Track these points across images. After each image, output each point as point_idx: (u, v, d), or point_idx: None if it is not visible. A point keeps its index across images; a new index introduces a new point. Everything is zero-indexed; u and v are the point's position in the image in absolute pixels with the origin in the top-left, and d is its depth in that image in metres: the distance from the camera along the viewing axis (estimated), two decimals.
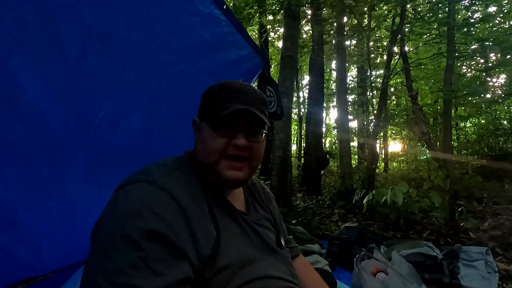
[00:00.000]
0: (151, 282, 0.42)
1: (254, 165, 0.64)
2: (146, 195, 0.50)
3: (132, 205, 0.48)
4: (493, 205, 3.79)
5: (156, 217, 0.47)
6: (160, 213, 0.48)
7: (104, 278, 0.42)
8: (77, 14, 0.84)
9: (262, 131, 0.64)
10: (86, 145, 1.07)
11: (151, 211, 0.47)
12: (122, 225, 0.46)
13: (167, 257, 0.46)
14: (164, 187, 0.52)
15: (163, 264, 0.45)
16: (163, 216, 0.48)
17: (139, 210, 0.47)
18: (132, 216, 0.46)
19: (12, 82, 0.78)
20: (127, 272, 0.42)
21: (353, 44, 8.44)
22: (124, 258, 0.43)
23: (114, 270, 0.42)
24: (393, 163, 11.04)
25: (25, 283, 1.09)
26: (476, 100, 4.94)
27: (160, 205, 0.49)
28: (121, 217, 0.47)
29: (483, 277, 1.78)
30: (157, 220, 0.47)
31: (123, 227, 0.45)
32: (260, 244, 0.65)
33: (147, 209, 0.47)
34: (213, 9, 1.25)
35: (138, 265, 0.43)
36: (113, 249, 0.44)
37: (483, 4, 4.12)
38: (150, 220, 0.46)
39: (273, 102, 1.92)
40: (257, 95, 0.65)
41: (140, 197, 0.50)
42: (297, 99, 10.88)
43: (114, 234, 0.45)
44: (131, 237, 0.44)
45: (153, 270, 0.43)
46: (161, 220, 0.47)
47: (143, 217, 0.46)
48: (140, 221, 0.46)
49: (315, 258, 1.98)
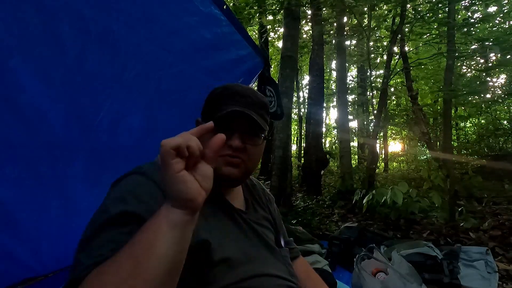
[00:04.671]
0: None
1: (250, 166, 0.64)
2: (134, 184, 0.54)
3: (120, 193, 0.51)
4: (493, 205, 3.79)
5: (138, 202, 0.50)
6: (144, 200, 0.50)
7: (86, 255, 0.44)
8: (77, 14, 0.84)
9: (260, 134, 0.64)
10: (86, 145, 1.07)
11: (136, 198, 0.50)
12: (108, 210, 0.49)
13: None
14: (153, 178, 0.54)
15: None
16: (147, 202, 0.50)
17: (124, 197, 0.50)
18: (117, 201, 0.50)
19: (12, 82, 0.78)
20: (105, 245, 0.44)
21: (353, 44, 8.44)
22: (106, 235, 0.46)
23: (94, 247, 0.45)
24: (393, 163, 11.04)
25: (25, 283, 1.08)
26: (476, 100, 4.93)
27: (146, 193, 0.52)
28: (108, 204, 0.50)
29: (483, 277, 1.78)
30: (138, 204, 0.49)
31: (107, 211, 0.48)
32: (258, 242, 0.65)
33: (132, 196, 0.50)
34: (213, 9, 1.25)
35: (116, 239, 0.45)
36: (96, 232, 0.47)
37: (483, 4, 4.12)
38: (132, 204, 0.49)
39: (273, 102, 1.92)
40: (257, 98, 0.65)
41: (128, 186, 0.53)
42: (297, 99, 10.88)
43: (100, 219, 0.48)
44: (113, 218, 0.47)
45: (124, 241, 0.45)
46: (142, 203, 0.50)
47: (126, 201, 0.49)
48: (123, 205, 0.49)
49: (315, 258, 1.98)
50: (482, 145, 7.18)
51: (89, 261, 0.43)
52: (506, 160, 5.69)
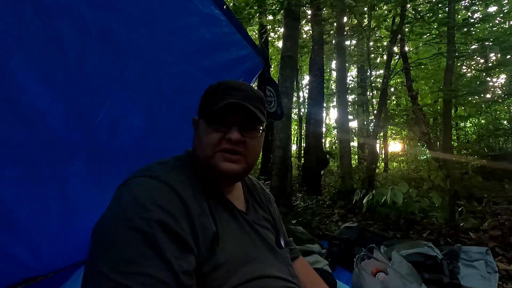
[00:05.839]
0: (161, 271, 0.43)
1: (250, 161, 0.64)
2: (149, 188, 0.51)
3: (137, 198, 0.49)
4: (493, 205, 3.79)
5: (160, 209, 0.48)
6: (163, 205, 0.49)
7: (113, 268, 0.42)
8: (77, 14, 0.84)
9: (258, 127, 0.64)
10: (86, 145, 1.07)
11: (155, 203, 0.48)
12: (129, 217, 0.46)
13: (175, 248, 0.46)
14: (166, 181, 0.53)
15: (172, 254, 0.45)
16: (167, 208, 0.49)
17: (143, 203, 0.48)
18: (137, 208, 0.47)
19: (12, 82, 0.78)
20: (138, 261, 0.42)
21: (353, 44, 8.44)
22: (133, 249, 0.43)
23: (123, 260, 0.42)
24: (393, 163, 11.04)
25: (25, 283, 1.08)
26: (476, 100, 4.94)
27: (163, 198, 0.50)
28: (127, 210, 0.47)
29: (483, 277, 1.78)
30: (162, 211, 0.48)
31: (130, 219, 0.46)
32: (259, 243, 0.65)
33: (151, 201, 0.48)
34: (213, 9, 1.25)
35: (148, 254, 0.43)
36: (120, 241, 0.44)
37: (483, 4, 4.12)
38: (155, 211, 0.47)
39: (273, 102, 1.92)
40: (252, 92, 0.65)
41: (143, 191, 0.50)
42: (297, 99, 10.87)
43: (120, 227, 0.45)
44: (140, 228, 0.45)
45: (163, 259, 0.44)
46: (165, 211, 0.48)
47: (148, 209, 0.47)
48: (146, 213, 0.46)
49: (315, 258, 1.98)
50: (482, 145, 7.18)
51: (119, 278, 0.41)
52: (506, 160, 5.70)
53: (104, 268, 0.42)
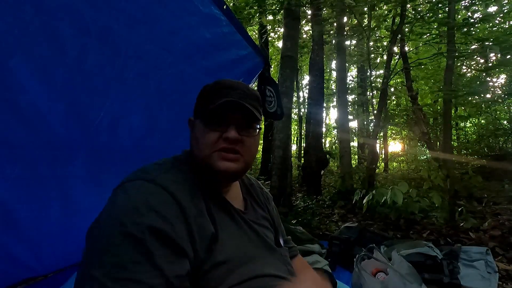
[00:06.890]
0: (153, 278, 0.43)
1: (248, 159, 0.64)
2: (144, 192, 0.51)
3: (131, 202, 0.48)
4: (493, 205, 3.79)
5: (155, 213, 0.48)
6: (158, 210, 0.48)
7: (104, 274, 0.42)
8: (77, 14, 0.84)
9: (255, 125, 0.64)
10: (86, 145, 1.07)
11: (150, 208, 0.48)
12: (122, 221, 0.46)
13: (167, 253, 0.46)
14: (162, 185, 0.52)
15: (164, 260, 0.45)
16: (162, 213, 0.48)
17: (138, 207, 0.47)
18: (131, 213, 0.47)
19: (12, 82, 0.77)
20: (129, 267, 0.42)
21: (353, 44, 8.44)
22: (125, 254, 0.43)
23: (115, 266, 0.42)
24: (393, 163, 11.04)
25: (25, 283, 1.09)
26: (476, 100, 4.94)
27: (158, 202, 0.50)
28: (120, 214, 0.47)
29: (483, 277, 1.78)
30: (156, 216, 0.47)
31: (123, 224, 0.45)
32: (258, 242, 0.65)
33: (146, 206, 0.48)
34: (213, 9, 1.25)
35: (139, 260, 0.43)
36: (113, 245, 0.44)
37: (483, 4, 4.11)
38: (148, 216, 0.47)
39: (273, 102, 1.92)
40: (248, 91, 0.65)
41: (139, 194, 0.50)
42: (297, 99, 10.87)
43: (113, 231, 0.45)
44: (132, 233, 0.44)
45: (154, 265, 0.44)
46: (159, 216, 0.48)
47: (142, 213, 0.47)
48: (139, 218, 0.46)
49: (315, 258, 1.98)
50: (482, 145, 7.19)
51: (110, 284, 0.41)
52: (506, 160, 5.70)
53: (96, 272, 0.42)
